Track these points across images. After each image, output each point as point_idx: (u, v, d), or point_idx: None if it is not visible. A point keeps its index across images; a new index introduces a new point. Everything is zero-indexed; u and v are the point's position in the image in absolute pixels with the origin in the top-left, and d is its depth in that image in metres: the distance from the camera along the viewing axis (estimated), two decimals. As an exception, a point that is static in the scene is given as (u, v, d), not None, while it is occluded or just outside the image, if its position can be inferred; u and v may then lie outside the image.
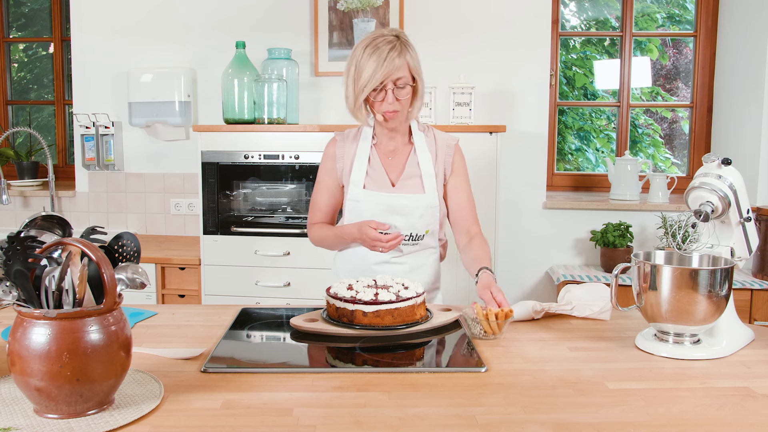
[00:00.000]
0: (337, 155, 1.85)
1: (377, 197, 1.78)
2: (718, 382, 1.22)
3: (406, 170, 1.82)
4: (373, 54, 1.67)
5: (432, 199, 1.79)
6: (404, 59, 1.69)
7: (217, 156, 2.86)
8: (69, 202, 3.50)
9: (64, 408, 1.01)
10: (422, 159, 1.82)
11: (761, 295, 2.80)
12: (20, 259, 1.05)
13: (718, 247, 1.47)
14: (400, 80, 1.69)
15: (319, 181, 1.89)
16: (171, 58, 3.33)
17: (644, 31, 3.52)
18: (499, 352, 1.38)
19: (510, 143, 3.21)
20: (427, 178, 1.80)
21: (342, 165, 1.84)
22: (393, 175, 1.82)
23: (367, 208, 1.78)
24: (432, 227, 1.81)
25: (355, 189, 1.80)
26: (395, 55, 1.67)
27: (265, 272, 2.87)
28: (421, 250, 1.84)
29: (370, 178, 1.81)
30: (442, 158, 1.84)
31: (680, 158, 3.64)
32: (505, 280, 3.28)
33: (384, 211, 1.77)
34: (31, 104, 3.86)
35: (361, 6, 3.19)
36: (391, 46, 1.67)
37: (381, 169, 1.82)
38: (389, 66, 1.66)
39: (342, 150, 1.85)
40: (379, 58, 1.66)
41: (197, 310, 1.72)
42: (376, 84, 1.67)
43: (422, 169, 1.81)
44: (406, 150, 1.85)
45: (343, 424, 1.03)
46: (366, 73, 1.67)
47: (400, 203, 1.77)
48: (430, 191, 1.79)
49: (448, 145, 1.85)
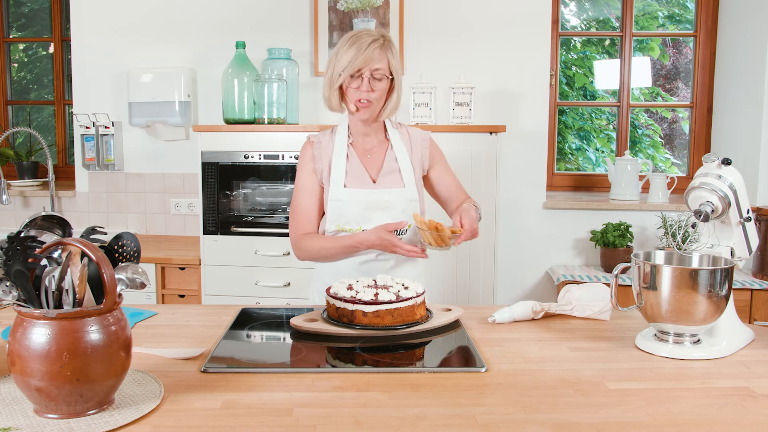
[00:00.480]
0: (315, 156, 1.83)
1: (359, 195, 1.78)
2: (718, 382, 1.22)
3: (384, 166, 1.83)
4: (354, 43, 1.71)
5: (412, 193, 1.82)
6: (385, 54, 1.73)
7: (217, 156, 2.86)
8: (69, 202, 3.50)
9: (64, 408, 1.01)
10: (399, 154, 1.85)
11: (761, 295, 2.80)
12: (20, 259, 1.05)
13: (718, 247, 1.47)
14: (377, 71, 1.72)
15: (301, 187, 1.84)
16: (171, 58, 3.33)
17: (644, 30, 3.52)
18: (499, 352, 1.38)
19: (510, 143, 3.21)
20: (405, 172, 1.83)
21: (321, 165, 1.83)
22: (373, 172, 1.83)
23: (349, 206, 1.78)
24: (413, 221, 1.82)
25: (336, 188, 1.79)
26: (376, 46, 1.71)
27: (265, 272, 2.87)
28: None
29: (351, 177, 1.81)
30: (418, 152, 1.87)
31: (680, 158, 3.64)
32: (505, 280, 3.28)
33: (366, 208, 1.78)
34: (31, 104, 3.86)
35: (361, 6, 3.19)
36: (374, 39, 1.72)
37: (360, 167, 1.82)
38: (369, 54, 1.70)
39: (319, 150, 1.84)
40: (360, 46, 1.70)
41: (197, 310, 1.72)
42: (353, 70, 1.70)
43: (400, 164, 1.83)
44: (382, 147, 1.87)
45: (343, 424, 1.03)
46: (345, 58, 1.71)
47: (382, 198, 1.79)
48: (409, 185, 1.82)
49: (423, 139, 1.90)
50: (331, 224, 1.80)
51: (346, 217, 1.79)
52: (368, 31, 1.74)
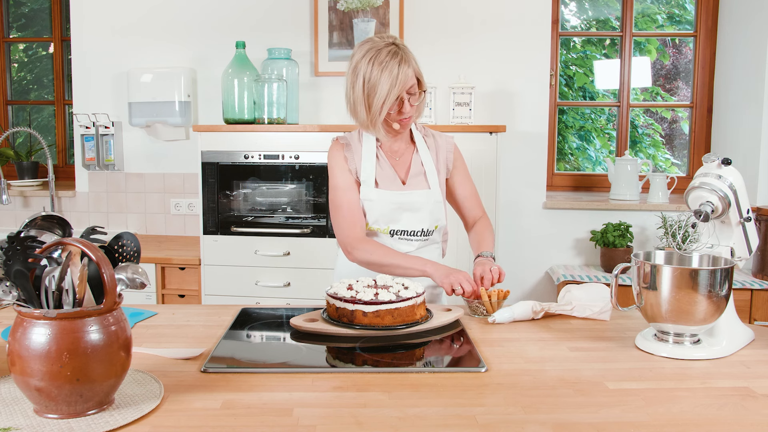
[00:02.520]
0: (347, 157, 1.84)
1: (389, 196, 1.81)
2: (718, 382, 1.22)
3: (412, 168, 1.87)
4: (384, 70, 1.65)
5: (437, 195, 1.85)
6: (410, 66, 1.70)
7: (217, 156, 2.86)
8: (69, 202, 3.50)
9: (64, 408, 1.01)
10: (425, 158, 1.88)
11: (761, 295, 2.80)
12: (20, 259, 1.05)
13: (718, 247, 1.47)
14: (412, 88, 1.71)
15: (342, 185, 1.81)
16: (171, 58, 3.33)
17: (644, 31, 3.52)
18: (499, 352, 1.38)
19: (510, 143, 3.21)
20: (431, 175, 1.86)
21: (353, 166, 1.84)
22: (402, 174, 1.86)
23: (378, 206, 1.81)
24: (440, 222, 1.87)
25: (367, 188, 1.81)
26: (406, 67, 1.68)
27: (265, 272, 2.87)
28: (429, 245, 1.89)
29: (381, 177, 1.83)
30: (443, 156, 1.90)
31: (680, 158, 3.64)
32: (505, 280, 3.27)
33: (395, 209, 1.81)
34: (31, 104, 3.86)
35: (361, 6, 3.19)
36: (399, 58, 1.67)
37: (390, 169, 1.85)
38: (403, 79, 1.67)
39: (350, 152, 1.84)
40: (392, 73, 1.65)
41: (197, 310, 1.72)
42: (393, 100, 1.68)
43: (426, 166, 1.87)
44: (409, 150, 1.89)
45: (343, 424, 1.03)
46: (381, 91, 1.66)
47: (411, 200, 1.82)
48: (434, 187, 1.85)
49: (448, 142, 1.93)
50: None
51: (374, 216, 1.82)
52: (380, 46, 1.68)
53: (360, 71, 1.69)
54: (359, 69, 1.69)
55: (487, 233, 1.92)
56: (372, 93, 1.68)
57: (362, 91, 1.69)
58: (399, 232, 1.84)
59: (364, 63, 1.68)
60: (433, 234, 1.87)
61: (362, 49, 1.71)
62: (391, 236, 1.84)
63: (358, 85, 1.70)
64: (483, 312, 1.66)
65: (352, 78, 1.72)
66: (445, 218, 1.90)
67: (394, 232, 1.84)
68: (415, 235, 1.84)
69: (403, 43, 1.74)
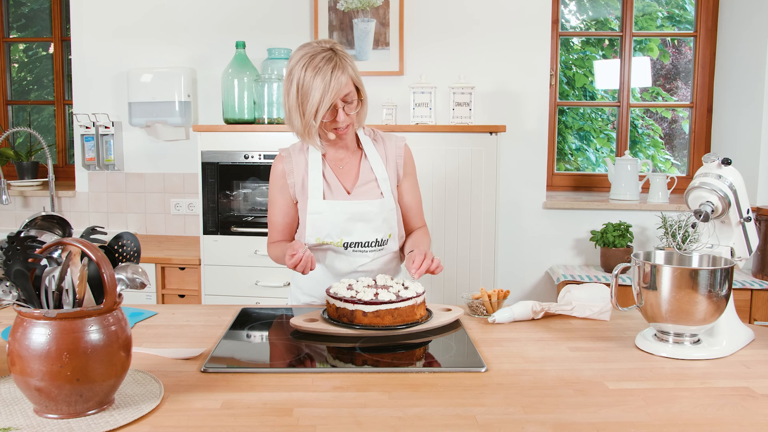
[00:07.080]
0: (286, 171, 1.79)
1: (339, 206, 1.74)
2: (718, 382, 1.22)
3: (360, 176, 1.80)
4: (316, 75, 1.59)
5: (390, 203, 1.79)
6: (347, 74, 1.63)
7: (217, 156, 2.86)
8: (69, 202, 3.50)
9: (64, 408, 1.01)
10: (374, 164, 1.81)
11: (761, 295, 2.80)
12: (20, 259, 1.05)
13: (718, 247, 1.47)
14: (347, 96, 1.65)
15: (272, 201, 1.83)
16: (171, 58, 3.33)
17: (644, 31, 3.52)
18: (499, 352, 1.38)
19: (510, 143, 3.21)
20: (382, 182, 1.79)
21: (293, 180, 1.79)
22: (347, 184, 1.79)
23: (330, 218, 1.74)
24: (394, 231, 1.81)
25: (315, 201, 1.75)
26: (339, 74, 1.61)
27: (265, 272, 2.87)
28: (385, 255, 1.82)
29: (328, 189, 1.77)
30: (393, 160, 1.83)
31: (680, 158, 3.64)
32: (505, 280, 3.28)
33: (347, 219, 1.75)
34: (31, 104, 3.86)
35: (361, 6, 3.19)
36: (333, 63, 1.60)
37: (334, 179, 1.79)
38: (336, 86, 1.60)
39: (290, 165, 1.79)
40: (324, 79, 1.59)
41: (197, 310, 1.72)
42: (327, 107, 1.62)
43: (376, 173, 1.80)
44: (355, 157, 1.82)
45: (343, 424, 1.03)
46: (314, 97, 1.60)
47: (363, 210, 1.75)
48: (387, 195, 1.79)
49: (398, 146, 1.85)
50: (311, 237, 1.76)
51: (326, 229, 1.75)
52: (316, 51, 1.62)
53: (294, 77, 1.63)
54: (293, 74, 1.63)
55: (426, 239, 1.85)
56: (305, 99, 1.62)
57: (296, 97, 1.63)
58: (353, 244, 1.76)
59: (298, 68, 1.62)
60: (387, 243, 1.80)
61: (298, 54, 1.64)
62: (345, 249, 1.77)
63: (292, 92, 1.64)
64: (483, 312, 1.66)
65: (286, 84, 1.66)
66: (399, 225, 1.84)
67: (348, 244, 1.76)
68: (369, 246, 1.77)
69: (342, 50, 1.66)
